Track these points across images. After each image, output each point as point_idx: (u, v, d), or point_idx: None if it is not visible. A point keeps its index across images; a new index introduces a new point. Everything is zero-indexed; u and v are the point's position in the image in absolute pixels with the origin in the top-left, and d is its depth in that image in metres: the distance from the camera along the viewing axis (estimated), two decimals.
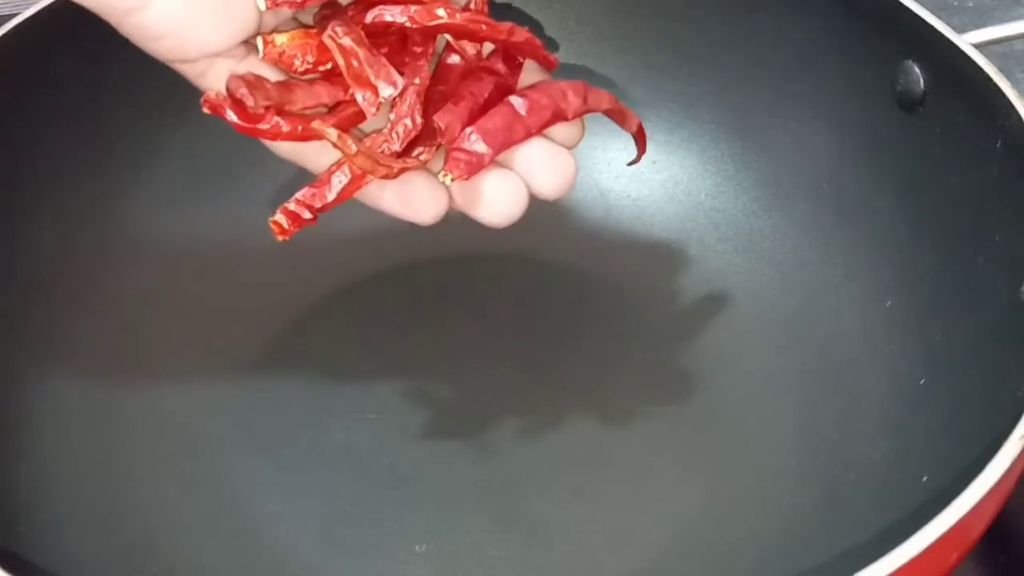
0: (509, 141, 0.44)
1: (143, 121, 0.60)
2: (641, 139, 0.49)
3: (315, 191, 0.44)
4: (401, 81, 0.42)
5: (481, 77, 0.45)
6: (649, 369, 0.57)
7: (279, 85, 0.42)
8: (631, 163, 0.51)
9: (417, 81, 0.43)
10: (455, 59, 0.45)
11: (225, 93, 0.42)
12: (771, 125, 0.61)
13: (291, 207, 0.44)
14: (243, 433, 0.55)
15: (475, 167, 0.43)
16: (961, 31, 0.53)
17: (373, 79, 0.42)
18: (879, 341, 0.55)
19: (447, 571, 0.50)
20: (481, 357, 0.58)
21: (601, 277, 0.61)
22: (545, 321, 0.60)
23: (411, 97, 0.43)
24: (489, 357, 0.58)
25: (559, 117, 0.45)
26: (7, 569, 0.40)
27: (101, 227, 0.59)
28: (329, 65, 0.43)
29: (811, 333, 0.58)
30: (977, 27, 0.54)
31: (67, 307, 0.57)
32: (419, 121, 0.43)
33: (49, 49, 0.56)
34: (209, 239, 0.61)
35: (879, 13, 0.55)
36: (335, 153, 0.43)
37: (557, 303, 0.60)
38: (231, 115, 0.41)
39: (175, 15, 0.40)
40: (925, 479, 0.47)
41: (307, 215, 0.44)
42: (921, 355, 0.53)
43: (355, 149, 0.42)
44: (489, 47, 0.46)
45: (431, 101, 0.44)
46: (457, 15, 0.43)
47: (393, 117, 0.43)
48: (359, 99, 0.42)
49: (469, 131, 0.43)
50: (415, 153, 0.43)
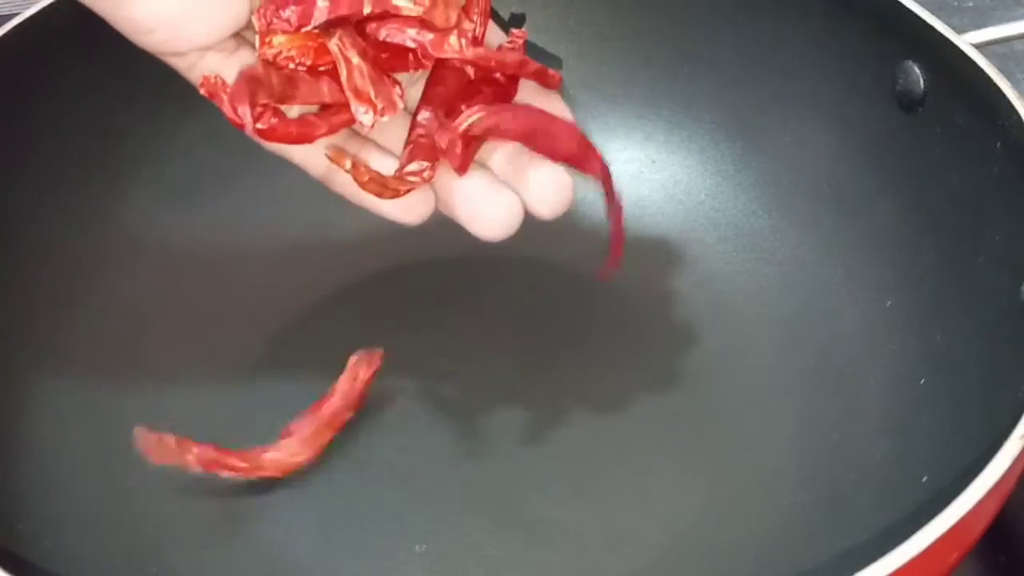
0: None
1: (143, 121, 0.60)
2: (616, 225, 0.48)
3: None
4: (401, 104, 0.43)
5: (480, 89, 0.45)
6: (649, 369, 0.57)
7: (283, 78, 0.42)
8: (601, 275, 0.49)
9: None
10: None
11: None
12: (771, 125, 0.61)
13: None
14: (243, 433, 0.54)
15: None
16: (961, 31, 0.53)
17: (373, 97, 0.42)
18: (879, 341, 0.55)
19: (447, 571, 0.50)
20: (481, 357, 0.58)
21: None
22: (545, 321, 0.59)
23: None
24: (489, 357, 0.58)
25: (543, 147, 0.45)
26: (7, 569, 0.40)
27: (101, 227, 0.59)
28: (323, 68, 0.43)
29: (811, 333, 0.58)
30: (977, 27, 0.55)
31: (67, 307, 0.57)
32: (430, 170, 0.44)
33: (49, 49, 0.56)
34: (209, 240, 0.61)
35: (879, 13, 0.55)
36: (322, 151, 0.43)
37: (557, 303, 0.60)
38: (227, 106, 0.41)
39: (166, 9, 0.40)
40: (925, 479, 0.47)
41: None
42: (921, 355, 0.53)
43: (367, 177, 0.42)
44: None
45: (428, 101, 0.44)
46: (468, 50, 0.42)
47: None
48: (357, 113, 0.42)
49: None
50: (417, 169, 0.44)
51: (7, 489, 0.50)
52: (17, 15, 0.55)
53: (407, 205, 0.44)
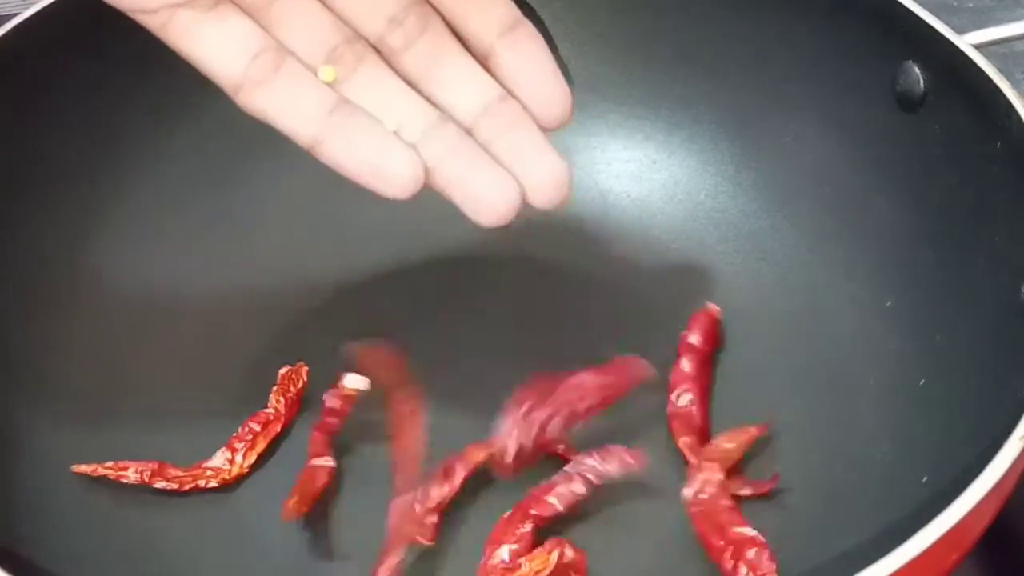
0: None
1: (143, 121, 0.60)
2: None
3: None
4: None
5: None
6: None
7: None
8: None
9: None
10: None
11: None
12: (771, 125, 0.61)
13: None
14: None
15: None
16: (961, 31, 0.53)
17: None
18: (879, 341, 0.55)
19: (449, 570, 0.50)
20: (481, 357, 0.58)
21: (601, 277, 0.61)
22: (545, 321, 0.59)
23: None
24: (489, 357, 0.58)
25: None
26: (7, 569, 0.40)
27: (100, 227, 0.59)
28: None
29: (811, 333, 0.58)
30: (977, 27, 0.55)
31: (67, 308, 0.57)
32: None
33: (49, 49, 0.56)
34: (209, 239, 0.61)
35: (879, 13, 0.55)
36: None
37: (557, 303, 0.60)
38: None
39: None
40: (925, 479, 0.47)
41: None
42: (921, 355, 0.53)
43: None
44: None
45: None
46: None
47: None
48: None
49: None
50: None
51: (7, 490, 0.50)
52: (17, 15, 0.55)
53: (395, 178, 0.41)
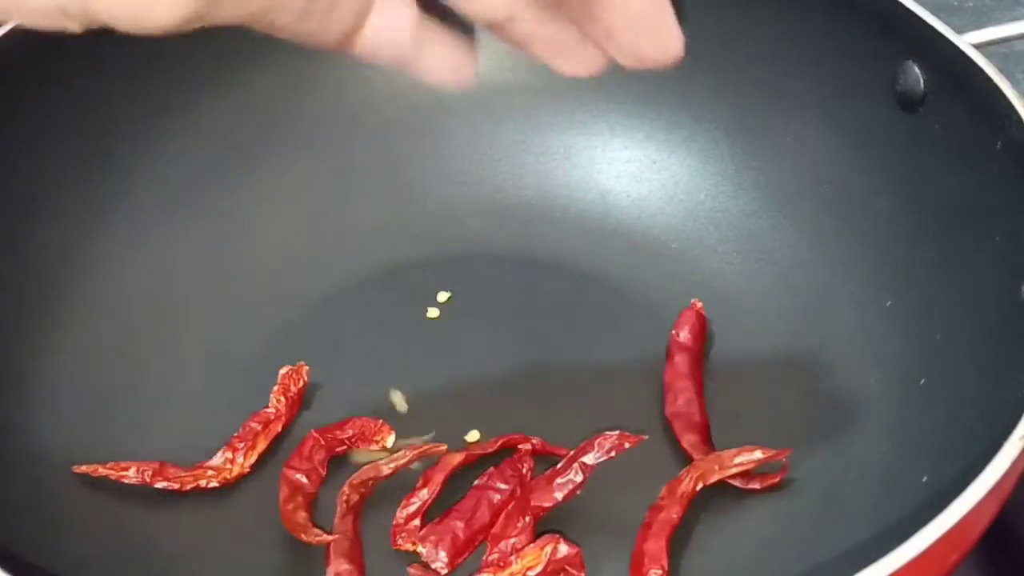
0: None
1: (143, 121, 0.60)
2: None
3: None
4: None
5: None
6: (649, 369, 0.57)
7: None
8: None
9: None
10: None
11: None
12: (771, 125, 0.61)
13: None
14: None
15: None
16: (961, 31, 0.53)
17: None
18: (879, 341, 0.55)
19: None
20: (481, 357, 0.58)
21: (601, 277, 0.61)
22: (545, 321, 0.60)
23: None
24: (489, 357, 0.58)
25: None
26: (7, 569, 0.40)
27: (100, 227, 0.59)
28: None
29: (811, 333, 0.58)
30: (977, 27, 0.55)
31: (67, 308, 0.57)
32: None
33: (49, 49, 0.56)
34: (209, 239, 0.61)
35: (879, 13, 0.55)
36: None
37: (557, 303, 0.60)
38: None
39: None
40: (925, 479, 0.47)
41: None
42: (921, 355, 0.53)
43: None
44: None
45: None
46: None
47: None
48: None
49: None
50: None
51: (6, 491, 0.50)
52: None
53: (448, 65, 0.39)
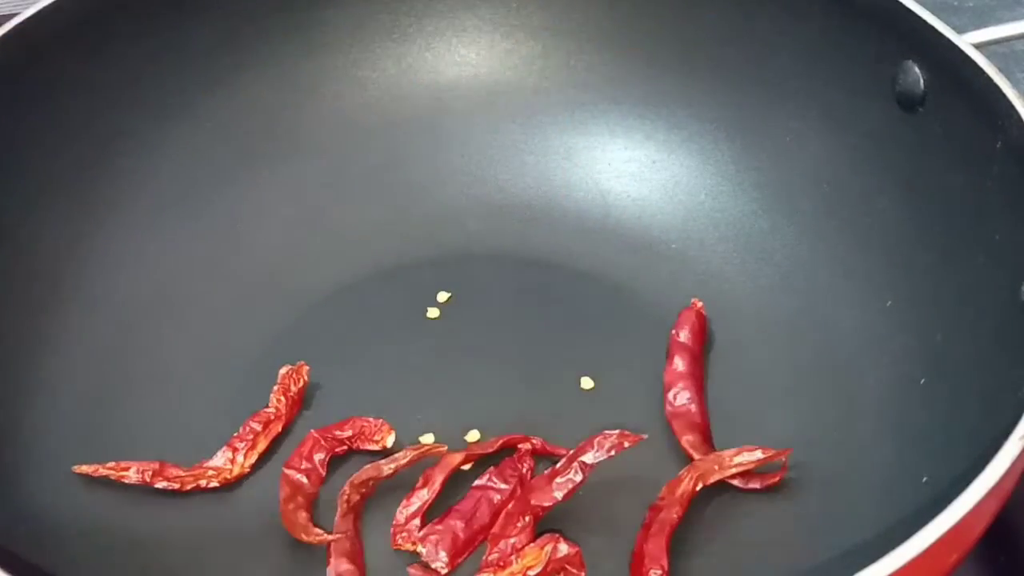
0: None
1: (143, 121, 0.60)
2: None
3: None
4: None
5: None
6: (649, 369, 0.57)
7: None
8: None
9: None
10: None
11: None
12: (771, 125, 0.61)
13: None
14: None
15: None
16: (961, 31, 0.53)
17: None
18: (879, 341, 0.55)
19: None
20: (481, 357, 0.58)
21: (601, 277, 0.61)
22: (545, 321, 0.60)
23: None
24: (489, 357, 0.58)
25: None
26: (7, 569, 0.40)
27: (101, 227, 0.59)
28: None
29: (811, 333, 0.58)
30: (977, 27, 0.55)
31: (67, 308, 0.57)
32: None
33: (49, 49, 0.56)
34: (209, 239, 0.61)
35: (879, 13, 0.55)
36: None
37: (557, 303, 0.60)
38: None
39: None
40: (925, 479, 0.47)
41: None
42: (921, 355, 0.53)
43: None
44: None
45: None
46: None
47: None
48: None
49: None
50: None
51: (7, 489, 0.50)
52: (17, 15, 0.55)
53: None
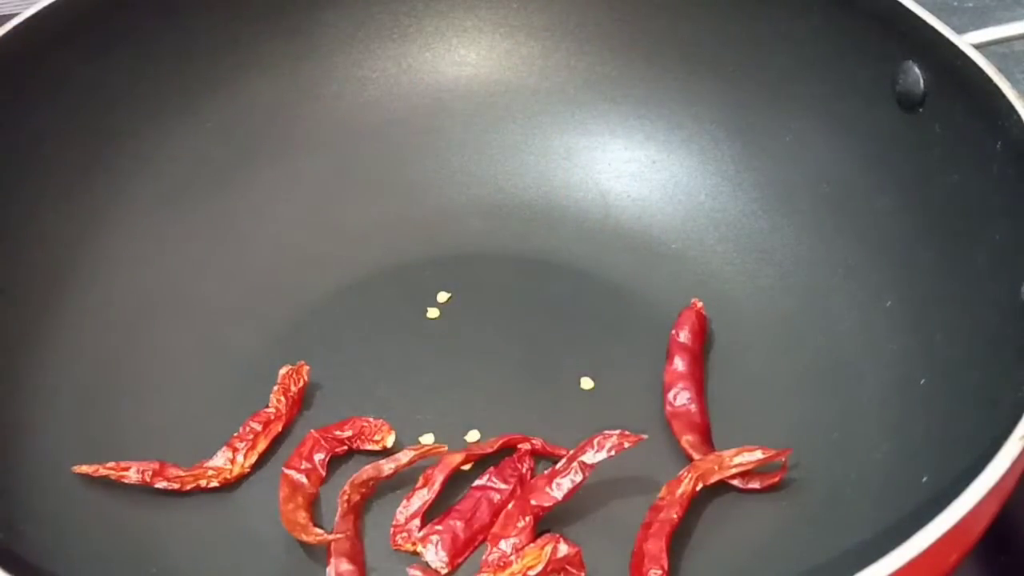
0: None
1: (143, 121, 0.60)
2: None
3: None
4: None
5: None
6: (649, 369, 0.57)
7: None
8: None
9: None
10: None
11: None
12: (771, 125, 0.61)
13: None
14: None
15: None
16: (961, 31, 0.53)
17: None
18: (879, 341, 0.55)
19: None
20: (481, 357, 0.58)
21: (601, 277, 0.61)
22: (545, 321, 0.60)
23: None
24: (489, 357, 0.58)
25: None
26: (7, 569, 0.40)
27: (101, 227, 0.59)
28: None
29: (811, 333, 0.58)
30: (977, 27, 0.55)
31: (67, 308, 0.57)
32: None
33: (49, 49, 0.56)
34: (209, 239, 0.61)
35: (879, 13, 0.55)
36: None
37: (557, 303, 0.60)
38: None
39: None
40: (925, 479, 0.47)
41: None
42: (921, 355, 0.53)
43: None
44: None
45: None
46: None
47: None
48: None
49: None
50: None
51: (7, 490, 0.50)
52: (17, 15, 0.55)
53: None
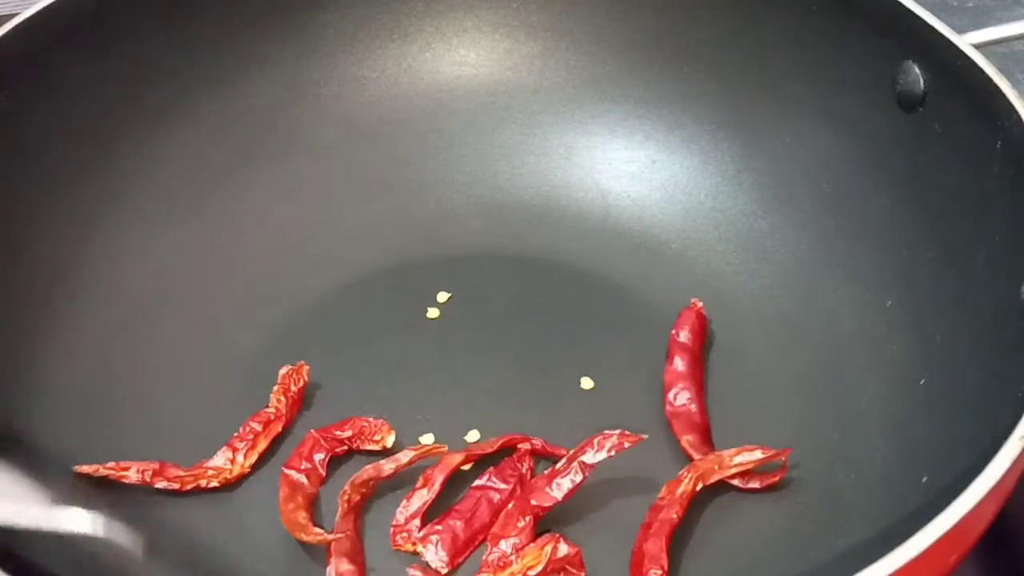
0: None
1: (143, 121, 0.60)
2: None
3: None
4: None
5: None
6: (649, 369, 0.57)
7: None
8: None
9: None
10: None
11: None
12: (771, 125, 0.61)
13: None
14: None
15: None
16: (961, 31, 0.53)
17: None
18: (879, 341, 0.55)
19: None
20: (481, 357, 0.58)
21: (601, 277, 0.61)
22: (545, 321, 0.60)
23: None
24: (489, 357, 0.58)
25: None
26: (7, 569, 0.40)
27: (101, 228, 0.59)
28: None
29: (811, 333, 0.58)
30: (977, 27, 0.55)
31: (67, 308, 0.57)
32: None
33: (49, 49, 0.56)
34: (209, 239, 0.61)
35: (879, 13, 0.55)
36: None
37: (557, 303, 0.60)
38: None
39: None
40: (925, 479, 0.47)
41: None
42: (921, 355, 0.53)
43: None
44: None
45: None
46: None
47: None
48: None
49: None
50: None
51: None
52: (17, 15, 0.55)
53: None
